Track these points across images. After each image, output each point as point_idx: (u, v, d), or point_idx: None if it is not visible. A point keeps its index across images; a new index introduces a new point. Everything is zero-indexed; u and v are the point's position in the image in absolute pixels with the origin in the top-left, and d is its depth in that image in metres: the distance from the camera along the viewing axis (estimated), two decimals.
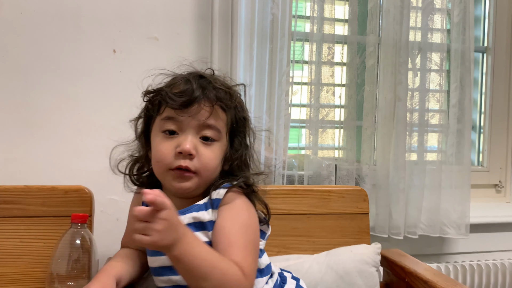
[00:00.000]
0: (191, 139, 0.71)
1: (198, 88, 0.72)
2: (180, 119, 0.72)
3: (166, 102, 0.72)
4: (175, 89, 0.74)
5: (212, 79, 0.75)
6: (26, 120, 1.15)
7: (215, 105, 0.73)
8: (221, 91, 0.74)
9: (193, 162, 0.71)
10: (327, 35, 1.28)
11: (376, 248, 1.01)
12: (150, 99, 0.78)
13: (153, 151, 0.75)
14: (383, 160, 1.32)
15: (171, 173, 0.72)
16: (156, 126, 0.76)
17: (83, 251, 0.85)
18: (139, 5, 1.20)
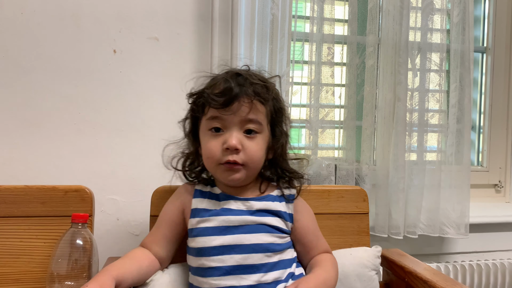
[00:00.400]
0: (235, 134, 0.78)
1: (236, 86, 0.77)
2: (224, 117, 0.78)
3: (209, 103, 0.79)
4: (215, 89, 0.79)
5: (248, 75, 0.80)
6: (26, 120, 1.15)
7: (253, 100, 0.78)
8: (257, 85, 0.79)
9: (240, 155, 0.78)
10: (327, 35, 1.28)
11: (376, 252, 1.00)
12: (194, 101, 0.84)
13: (203, 148, 0.82)
14: (383, 160, 1.33)
15: (221, 167, 0.79)
16: (203, 126, 0.82)
17: (83, 251, 0.85)
18: (139, 5, 1.20)
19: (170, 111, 1.23)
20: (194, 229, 0.81)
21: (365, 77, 1.31)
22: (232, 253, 0.77)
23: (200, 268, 0.78)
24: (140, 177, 1.21)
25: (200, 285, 0.78)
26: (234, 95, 0.77)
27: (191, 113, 0.86)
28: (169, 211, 0.87)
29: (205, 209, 0.82)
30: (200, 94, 0.82)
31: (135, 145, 1.21)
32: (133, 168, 1.21)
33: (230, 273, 0.76)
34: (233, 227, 0.79)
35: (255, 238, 0.78)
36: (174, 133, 1.23)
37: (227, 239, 0.78)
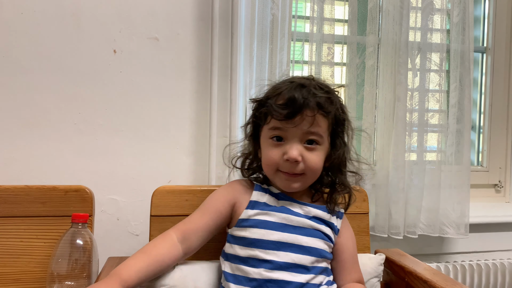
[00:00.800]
0: (296, 146, 0.80)
1: (300, 99, 0.78)
2: (285, 128, 0.80)
3: (272, 114, 0.80)
4: (279, 100, 0.80)
5: (312, 87, 0.81)
6: (27, 120, 1.15)
7: (316, 114, 0.79)
8: (321, 98, 0.80)
9: (299, 166, 0.80)
10: (327, 36, 1.28)
11: (380, 260, 1.00)
12: (257, 108, 0.85)
13: (264, 155, 0.85)
14: (383, 160, 1.33)
15: (280, 175, 0.82)
16: (264, 133, 0.84)
17: (83, 250, 0.86)
18: (139, 5, 1.20)
19: (170, 111, 1.23)
20: (250, 219, 0.82)
21: (365, 77, 1.31)
22: (288, 250, 0.79)
23: (252, 258, 0.79)
24: (140, 177, 1.21)
25: (247, 274, 0.78)
26: (297, 108, 0.78)
27: (253, 119, 0.87)
28: (219, 202, 0.86)
29: (266, 203, 0.84)
30: (263, 103, 0.83)
31: (135, 145, 1.21)
32: (133, 168, 1.21)
33: (283, 268, 0.78)
34: (292, 226, 0.82)
35: (311, 241, 0.81)
36: (174, 133, 1.24)
37: (285, 236, 0.80)
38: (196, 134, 1.24)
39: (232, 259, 0.82)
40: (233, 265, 0.81)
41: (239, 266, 0.80)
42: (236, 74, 1.18)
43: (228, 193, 0.88)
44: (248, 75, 1.21)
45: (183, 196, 0.98)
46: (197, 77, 1.24)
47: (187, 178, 1.24)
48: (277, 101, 0.80)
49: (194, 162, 1.24)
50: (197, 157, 1.24)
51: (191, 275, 0.85)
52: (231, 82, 1.19)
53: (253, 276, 0.77)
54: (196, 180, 1.24)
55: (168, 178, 1.23)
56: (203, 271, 0.88)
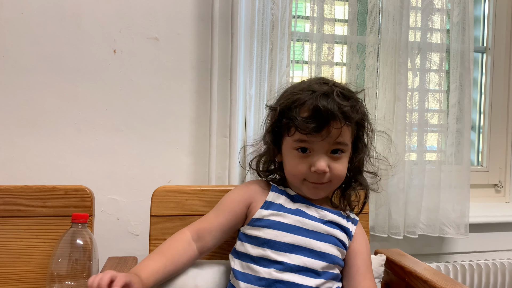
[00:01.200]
0: (323, 158, 0.79)
1: (326, 112, 0.76)
2: (311, 141, 0.79)
3: (296, 127, 0.78)
4: (303, 112, 0.78)
5: (335, 95, 0.78)
6: (26, 120, 1.15)
7: (343, 126, 0.78)
8: (346, 108, 0.78)
9: (326, 176, 0.81)
10: (327, 35, 1.28)
11: (381, 260, 1.00)
12: (278, 118, 0.83)
13: (289, 166, 0.83)
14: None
15: (307, 184, 0.82)
16: (288, 143, 0.82)
17: (83, 250, 0.86)
18: (139, 5, 1.20)
19: (170, 111, 1.23)
20: (264, 219, 0.82)
21: (365, 77, 1.31)
22: (300, 253, 0.79)
23: (263, 258, 0.78)
24: (140, 177, 1.21)
25: (257, 273, 0.77)
26: (324, 121, 0.76)
27: (274, 128, 0.85)
28: (235, 202, 0.86)
29: (281, 205, 0.84)
30: (285, 114, 0.81)
31: (135, 145, 1.21)
32: (133, 168, 1.21)
33: (294, 271, 0.77)
34: (306, 230, 0.81)
35: (324, 246, 0.80)
36: (174, 133, 1.24)
37: (298, 239, 0.79)
38: (196, 134, 1.24)
39: (243, 257, 0.81)
40: (244, 263, 0.81)
41: (249, 264, 0.79)
42: (236, 74, 1.18)
43: (245, 193, 0.87)
44: (248, 75, 1.21)
45: (183, 196, 0.98)
46: (197, 77, 1.24)
47: (187, 178, 1.24)
48: (301, 113, 0.78)
49: (194, 162, 1.24)
50: (197, 157, 1.24)
51: (191, 273, 0.85)
52: (231, 82, 1.19)
53: (263, 275, 0.77)
54: (196, 180, 1.24)
55: (168, 178, 1.23)
56: (204, 270, 0.88)
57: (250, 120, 1.21)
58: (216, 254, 0.94)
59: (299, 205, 0.84)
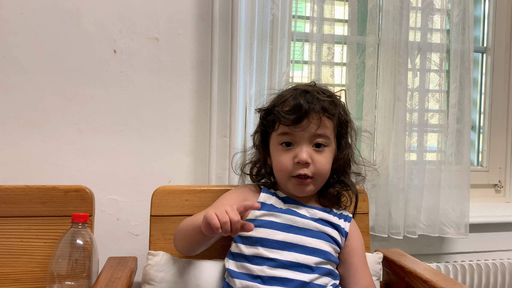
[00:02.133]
0: (305, 149, 0.83)
1: (305, 104, 0.82)
2: (294, 133, 0.84)
3: (279, 120, 0.84)
4: (285, 107, 0.85)
5: (315, 92, 0.85)
6: (27, 120, 1.15)
7: (322, 117, 0.83)
8: (325, 102, 0.84)
9: (309, 168, 0.84)
10: (327, 36, 1.28)
11: (378, 258, 1.01)
12: (264, 116, 0.89)
13: (275, 161, 0.87)
14: (383, 160, 1.32)
15: (293, 180, 0.85)
16: (273, 140, 0.88)
17: (83, 250, 0.86)
18: (139, 5, 1.20)
19: (170, 111, 1.23)
20: (256, 220, 0.85)
21: (365, 77, 1.31)
22: (292, 250, 0.82)
23: (256, 256, 0.81)
24: (140, 177, 1.21)
25: (251, 272, 0.80)
26: (304, 112, 0.82)
27: (261, 127, 0.91)
28: (231, 200, 0.90)
29: (272, 205, 0.88)
30: (270, 111, 0.87)
31: (135, 145, 1.21)
32: (133, 168, 1.21)
33: (287, 267, 0.80)
34: (297, 227, 0.84)
35: (315, 242, 0.84)
36: (174, 133, 1.24)
37: (290, 237, 0.83)
38: (196, 134, 1.24)
39: (237, 258, 0.84)
40: (238, 263, 0.83)
41: (243, 264, 0.82)
42: (236, 74, 1.18)
43: (240, 193, 0.91)
44: (248, 75, 1.21)
45: (183, 196, 0.98)
46: (197, 77, 1.24)
47: (187, 178, 1.24)
48: (284, 108, 0.84)
49: (194, 162, 1.24)
50: (197, 157, 1.24)
51: (193, 272, 0.86)
52: (231, 82, 1.19)
53: (256, 273, 0.79)
54: (196, 180, 1.24)
55: (168, 178, 1.23)
56: (205, 269, 0.88)
57: (250, 120, 1.21)
58: (217, 254, 0.94)
59: (289, 205, 0.88)
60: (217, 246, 0.92)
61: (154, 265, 0.85)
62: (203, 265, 0.89)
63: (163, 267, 0.86)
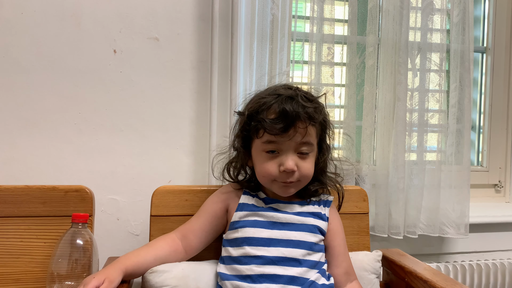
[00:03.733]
0: (291, 157, 0.83)
1: (292, 113, 0.81)
2: (279, 142, 0.83)
3: (264, 129, 0.82)
4: (270, 114, 0.83)
5: (300, 98, 0.83)
6: (27, 120, 1.15)
7: (308, 126, 0.83)
8: (310, 109, 0.83)
9: (295, 175, 0.84)
10: (327, 36, 1.28)
11: (377, 256, 1.01)
12: (246, 121, 0.86)
13: (259, 168, 0.86)
14: (383, 160, 1.33)
15: (277, 183, 0.86)
16: (257, 146, 0.86)
17: (83, 250, 0.86)
18: (139, 5, 1.20)
19: (170, 111, 1.23)
20: (240, 221, 0.87)
21: (365, 77, 1.31)
22: (278, 245, 0.83)
23: (243, 256, 0.82)
24: (140, 177, 1.21)
25: (240, 272, 0.81)
26: (290, 121, 0.81)
27: (243, 132, 0.88)
28: (214, 203, 0.92)
29: (253, 205, 0.89)
30: (253, 117, 0.85)
31: (135, 145, 1.21)
32: (133, 168, 1.21)
33: (275, 263, 0.81)
34: (280, 223, 0.86)
35: (299, 235, 0.85)
36: (174, 133, 1.24)
37: (274, 233, 0.84)
38: (196, 134, 1.24)
39: (227, 261, 0.85)
40: (228, 266, 0.84)
41: (233, 266, 0.83)
42: (236, 74, 1.18)
43: (222, 195, 0.93)
44: (248, 75, 1.21)
45: (183, 196, 0.98)
46: (197, 77, 1.24)
47: (187, 178, 1.24)
48: (268, 115, 0.83)
49: (194, 162, 1.24)
50: (197, 157, 1.24)
51: (193, 275, 0.86)
52: (231, 82, 1.19)
53: (246, 273, 0.81)
54: (196, 180, 1.24)
55: (168, 178, 1.23)
56: (205, 271, 0.88)
57: None
58: (217, 256, 0.94)
59: (270, 205, 0.89)
60: (217, 247, 0.92)
61: (154, 269, 0.84)
62: (203, 268, 0.89)
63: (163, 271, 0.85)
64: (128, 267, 0.81)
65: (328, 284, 0.85)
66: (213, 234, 0.92)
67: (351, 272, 0.92)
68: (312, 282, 0.81)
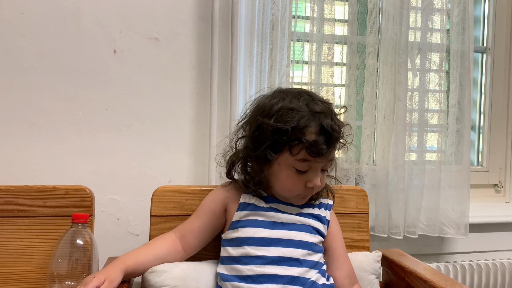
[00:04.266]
0: (319, 175, 0.84)
1: (332, 135, 0.81)
2: (313, 161, 0.82)
3: (306, 149, 0.80)
4: (309, 134, 0.80)
5: (333, 115, 0.84)
6: (27, 120, 1.15)
7: (337, 146, 0.86)
8: (339, 128, 0.85)
9: (316, 188, 0.86)
10: (327, 36, 1.28)
11: (376, 256, 1.01)
12: (279, 134, 0.81)
13: (284, 180, 0.85)
14: (383, 160, 1.33)
15: (298, 196, 0.87)
16: (287, 160, 0.83)
17: (83, 250, 0.86)
18: (139, 5, 1.20)
19: (170, 111, 1.23)
20: (241, 220, 0.86)
21: (365, 77, 1.31)
22: (278, 245, 0.83)
23: (244, 256, 0.82)
24: (140, 177, 1.21)
25: (240, 272, 0.81)
26: (331, 144, 0.82)
27: (276, 145, 0.82)
28: (212, 202, 0.92)
29: (254, 205, 0.88)
30: (290, 133, 0.80)
31: (135, 145, 1.21)
32: (133, 168, 1.21)
33: (276, 263, 0.81)
34: (281, 223, 0.86)
35: (300, 235, 0.86)
36: (174, 133, 1.24)
37: (275, 233, 0.84)
38: (196, 134, 1.24)
39: (226, 261, 0.85)
40: (228, 266, 0.84)
41: (233, 266, 0.83)
42: (236, 74, 1.18)
43: (221, 194, 0.92)
44: (248, 75, 1.21)
45: (183, 196, 0.98)
46: (197, 77, 1.24)
47: (187, 178, 1.24)
48: (308, 134, 0.80)
49: (194, 162, 1.24)
50: (197, 157, 1.24)
51: (193, 275, 0.86)
52: (231, 82, 1.19)
53: (246, 273, 0.80)
54: (196, 180, 1.24)
55: (168, 178, 1.23)
56: (204, 272, 0.88)
57: None
58: (217, 256, 0.94)
59: (271, 204, 0.89)
60: (217, 247, 0.92)
61: (154, 269, 0.84)
62: (203, 268, 0.89)
63: (163, 271, 0.85)
64: (128, 266, 0.81)
65: (328, 284, 0.85)
66: (211, 233, 0.92)
67: (353, 276, 0.92)
68: (313, 283, 0.81)
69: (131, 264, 0.82)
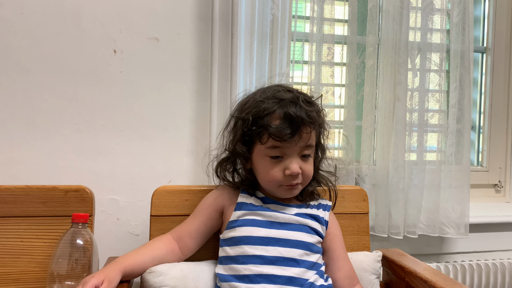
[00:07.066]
0: (295, 161, 0.84)
1: (297, 119, 0.82)
2: (284, 147, 0.83)
3: (270, 134, 0.82)
4: (274, 120, 0.83)
5: (303, 102, 0.84)
6: (27, 120, 1.15)
7: (311, 130, 0.85)
8: (312, 113, 0.84)
9: (299, 177, 0.86)
10: (327, 36, 1.28)
11: (377, 256, 1.01)
12: (247, 126, 0.85)
13: (263, 173, 0.87)
14: (383, 160, 1.33)
15: (282, 187, 0.87)
16: (260, 151, 0.86)
17: (83, 250, 0.86)
18: (139, 5, 1.20)
19: (170, 111, 1.23)
20: (238, 220, 0.87)
21: (365, 77, 1.31)
22: (276, 245, 0.83)
23: (241, 256, 0.82)
24: (140, 177, 1.21)
25: (238, 272, 0.81)
26: (296, 127, 0.82)
27: (245, 137, 0.87)
28: (209, 205, 0.92)
29: (252, 204, 0.89)
30: (255, 122, 0.84)
31: (135, 145, 1.21)
32: (133, 168, 1.21)
33: (273, 263, 0.81)
34: (278, 223, 0.87)
35: (297, 235, 0.86)
36: (174, 133, 1.24)
37: (272, 232, 0.85)
38: (196, 134, 1.24)
39: (224, 261, 0.85)
40: (226, 266, 0.84)
41: (230, 265, 0.83)
42: (236, 74, 1.18)
43: (218, 197, 0.93)
44: (248, 75, 1.21)
45: (183, 196, 0.98)
46: (197, 77, 1.24)
47: (187, 178, 1.24)
48: (272, 120, 0.83)
49: (194, 162, 1.24)
50: (197, 157, 1.24)
51: (192, 275, 0.86)
52: (231, 82, 1.19)
53: (243, 273, 0.81)
54: (196, 180, 1.24)
55: (168, 178, 1.23)
56: (203, 272, 0.88)
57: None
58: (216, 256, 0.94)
59: (268, 205, 0.89)
60: (216, 247, 0.92)
61: (153, 269, 0.84)
62: (202, 268, 0.89)
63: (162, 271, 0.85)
64: (127, 267, 0.82)
65: (326, 285, 0.85)
66: (208, 234, 0.93)
67: (353, 276, 0.92)
68: (311, 284, 0.81)
69: (130, 264, 0.82)
